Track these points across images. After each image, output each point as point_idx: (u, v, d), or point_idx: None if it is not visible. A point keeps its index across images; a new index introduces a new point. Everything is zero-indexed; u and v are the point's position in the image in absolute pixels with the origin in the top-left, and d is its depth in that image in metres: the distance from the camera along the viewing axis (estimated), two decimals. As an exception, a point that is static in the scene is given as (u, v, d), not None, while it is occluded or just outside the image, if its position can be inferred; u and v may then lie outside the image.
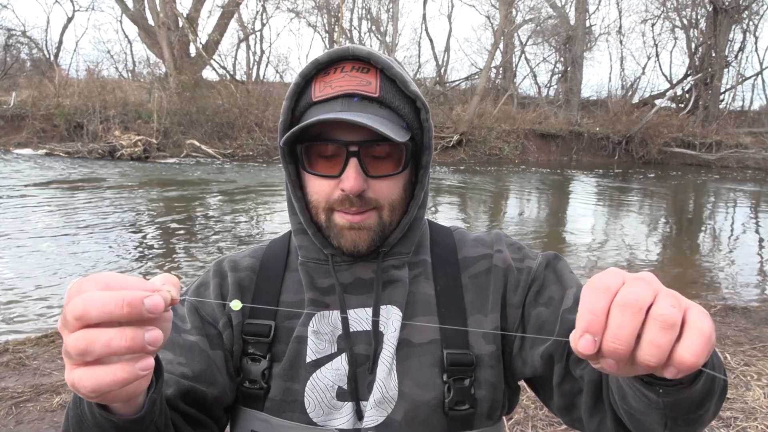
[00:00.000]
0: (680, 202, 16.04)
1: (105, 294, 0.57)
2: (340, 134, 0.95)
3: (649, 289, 0.57)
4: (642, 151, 27.00)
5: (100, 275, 0.61)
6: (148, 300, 0.57)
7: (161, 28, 24.85)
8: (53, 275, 6.44)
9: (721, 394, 0.75)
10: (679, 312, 0.56)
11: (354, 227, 0.98)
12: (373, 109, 0.95)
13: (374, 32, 33.47)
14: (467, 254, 1.10)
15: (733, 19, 30.08)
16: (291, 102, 1.00)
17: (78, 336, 0.57)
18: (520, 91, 34.08)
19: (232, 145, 22.31)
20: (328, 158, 0.97)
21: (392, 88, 0.98)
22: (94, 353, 0.57)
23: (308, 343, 1.01)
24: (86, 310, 0.56)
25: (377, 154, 0.97)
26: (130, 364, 0.58)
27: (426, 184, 1.06)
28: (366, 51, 0.96)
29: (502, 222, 11.66)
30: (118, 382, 0.58)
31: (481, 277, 1.07)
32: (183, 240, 8.56)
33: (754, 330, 5.02)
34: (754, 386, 3.77)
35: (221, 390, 0.98)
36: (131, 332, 0.57)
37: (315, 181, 1.00)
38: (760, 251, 9.84)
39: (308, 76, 0.99)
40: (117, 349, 0.57)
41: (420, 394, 0.97)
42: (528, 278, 1.05)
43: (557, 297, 1.00)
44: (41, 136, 20.55)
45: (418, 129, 1.02)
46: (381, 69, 0.97)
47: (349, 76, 0.96)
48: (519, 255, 1.09)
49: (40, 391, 3.62)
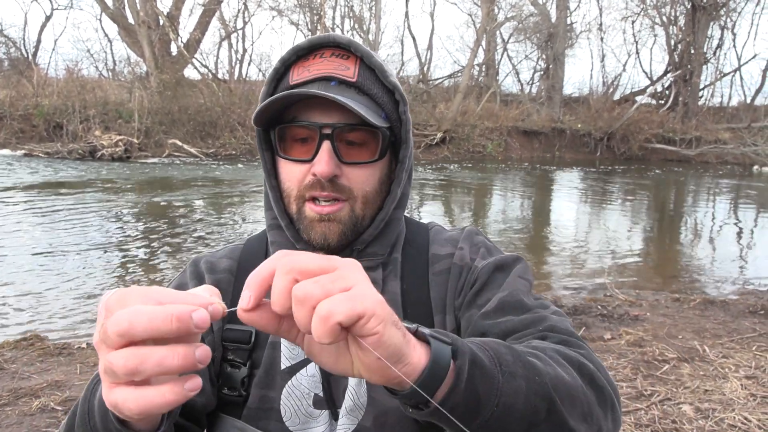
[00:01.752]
0: (661, 198, 16.23)
1: (151, 309, 0.53)
2: (314, 117, 0.93)
3: (315, 261, 0.57)
4: (623, 148, 27.30)
5: (143, 288, 0.56)
6: (195, 314, 0.53)
7: (142, 27, 24.61)
8: (31, 278, 6.35)
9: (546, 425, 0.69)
10: (319, 288, 0.55)
11: (324, 219, 0.95)
12: (351, 93, 0.93)
13: (357, 30, 33.38)
14: (436, 251, 1.08)
15: (712, 16, 30.48)
16: (269, 87, 0.99)
17: (126, 355, 0.52)
18: (502, 89, 34.23)
19: (214, 145, 22.15)
20: (302, 142, 0.96)
21: (371, 76, 0.97)
22: (145, 373, 0.52)
23: (282, 349, 0.99)
24: (132, 326, 0.52)
25: (352, 140, 0.95)
26: (179, 384, 0.54)
27: (403, 181, 1.03)
28: (347, 39, 0.96)
29: (485, 219, 11.71)
30: (168, 404, 0.54)
31: (443, 276, 1.04)
32: (165, 240, 8.48)
33: (732, 323, 5.09)
34: (731, 378, 3.83)
35: (208, 397, 0.96)
36: (183, 350, 0.53)
37: (288, 166, 0.98)
38: (738, 245, 9.99)
39: (288, 62, 0.98)
40: (170, 368, 0.53)
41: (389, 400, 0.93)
42: (471, 278, 1.02)
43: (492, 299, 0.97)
44: (20, 136, 20.23)
45: (396, 121, 1.00)
46: (361, 57, 0.96)
47: (328, 61, 0.95)
48: (476, 254, 1.05)
49: (19, 395, 3.57)
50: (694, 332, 4.81)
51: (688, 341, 4.58)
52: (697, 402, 3.51)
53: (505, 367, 0.67)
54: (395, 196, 1.02)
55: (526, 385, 0.67)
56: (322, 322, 0.53)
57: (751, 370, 3.98)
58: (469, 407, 0.63)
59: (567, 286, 6.69)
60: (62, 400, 3.49)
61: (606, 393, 0.78)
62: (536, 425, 0.68)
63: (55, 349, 4.34)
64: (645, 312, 5.36)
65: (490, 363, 0.66)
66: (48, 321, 5.11)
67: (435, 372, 0.62)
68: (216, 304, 0.56)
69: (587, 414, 0.73)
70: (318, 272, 0.56)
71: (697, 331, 4.84)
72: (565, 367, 0.75)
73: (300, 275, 0.56)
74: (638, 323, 5.04)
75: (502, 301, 0.94)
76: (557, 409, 0.69)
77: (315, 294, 0.54)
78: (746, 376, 3.89)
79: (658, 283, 7.07)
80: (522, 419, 0.66)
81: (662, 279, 7.31)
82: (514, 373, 0.67)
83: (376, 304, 0.56)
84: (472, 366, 0.64)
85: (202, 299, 0.56)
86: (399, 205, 1.05)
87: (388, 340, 0.57)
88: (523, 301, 0.94)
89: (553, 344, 0.82)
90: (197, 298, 0.57)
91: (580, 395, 0.73)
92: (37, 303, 5.56)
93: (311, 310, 0.54)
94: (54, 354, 4.25)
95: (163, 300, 0.55)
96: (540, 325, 0.88)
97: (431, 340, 0.64)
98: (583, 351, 0.82)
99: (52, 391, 3.62)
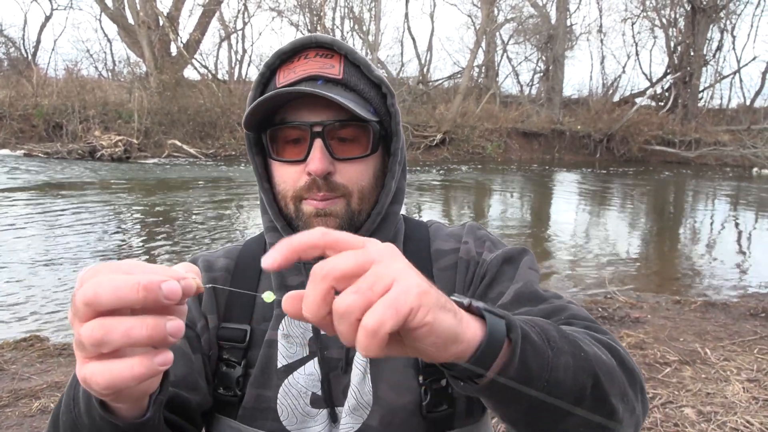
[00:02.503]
0: (661, 200, 16.23)
1: (118, 277, 0.52)
2: (303, 117, 0.94)
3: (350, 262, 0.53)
4: (623, 149, 27.31)
5: (118, 261, 0.56)
6: (165, 285, 0.52)
7: (141, 27, 24.60)
8: (31, 279, 6.33)
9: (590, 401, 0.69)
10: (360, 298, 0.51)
11: (320, 214, 0.95)
12: (338, 90, 0.93)
13: (357, 31, 33.38)
14: (439, 247, 1.08)
15: (711, 18, 30.51)
16: (256, 92, 0.99)
17: (93, 325, 0.52)
18: (502, 90, 34.25)
19: (214, 145, 22.15)
20: (294, 143, 0.96)
21: (356, 73, 0.98)
22: (112, 343, 0.52)
23: (278, 348, 0.98)
24: (97, 294, 0.51)
25: (344, 136, 0.95)
26: (148, 357, 0.53)
27: (397, 174, 1.03)
28: (329, 38, 0.96)
29: (485, 220, 11.70)
30: (136, 377, 0.53)
31: (449, 271, 1.04)
32: (164, 241, 8.47)
33: (733, 325, 5.09)
34: (733, 381, 3.82)
35: (203, 396, 0.95)
36: (152, 321, 0.52)
37: (281, 168, 0.98)
38: (738, 247, 9.99)
39: (273, 66, 0.98)
40: (137, 339, 0.51)
41: (395, 398, 0.94)
42: (480, 271, 1.02)
43: (506, 292, 0.96)
44: (19, 136, 20.22)
45: (385, 115, 1.01)
46: (345, 54, 0.97)
47: (313, 61, 0.96)
48: (482, 248, 1.06)
49: (19, 396, 3.55)
50: (695, 335, 4.81)
51: (689, 344, 4.57)
52: (699, 405, 3.50)
53: (552, 342, 0.67)
54: (389, 189, 1.02)
55: (573, 362, 0.67)
56: (371, 337, 0.50)
57: (752, 373, 3.97)
58: (522, 382, 0.63)
59: (567, 288, 6.68)
60: (62, 402, 3.47)
61: (636, 376, 0.78)
62: (581, 401, 0.68)
63: (55, 349, 4.32)
64: (646, 314, 5.35)
65: (539, 338, 0.66)
66: (48, 322, 5.10)
67: (491, 347, 0.61)
68: (189, 279, 0.55)
69: (623, 393, 0.73)
70: (355, 273, 0.53)
71: (699, 334, 4.83)
72: (600, 348, 0.75)
73: (336, 282, 0.53)
74: (639, 325, 5.03)
75: (518, 292, 0.94)
76: (601, 385, 0.69)
77: (357, 306, 0.51)
78: (748, 379, 3.89)
79: (659, 285, 7.06)
80: (569, 395, 0.66)
81: (662, 281, 7.30)
82: (562, 349, 0.67)
83: (421, 295, 0.53)
84: (525, 341, 0.63)
85: (175, 273, 0.55)
86: (395, 200, 1.05)
87: (439, 326, 0.55)
88: (538, 291, 0.94)
89: (581, 329, 0.82)
90: (171, 272, 0.55)
91: (617, 375, 0.73)
92: (37, 303, 5.54)
93: (355, 322, 0.51)
94: (54, 355, 4.24)
95: (134, 272, 0.54)
96: (562, 314, 0.88)
97: (486, 314, 0.63)
98: (609, 336, 0.83)
99: (52, 393, 3.60)
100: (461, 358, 0.59)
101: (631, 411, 0.74)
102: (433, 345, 0.55)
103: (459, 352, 0.58)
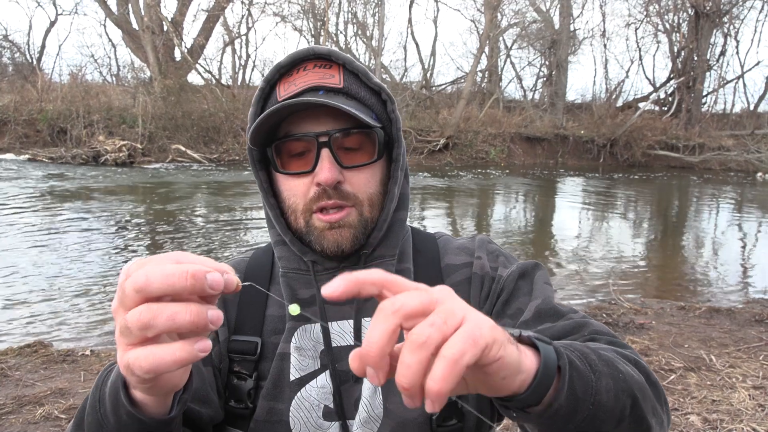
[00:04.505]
0: (665, 205, 16.19)
1: (168, 266, 0.56)
2: (308, 128, 0.94)
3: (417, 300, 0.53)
4: (626, 154, 27.26)
5: (164, 254, 0.59)
6: (210, 275, 0.55)
7: (146, 32, 24.69)
8: (35, 285, 6.34)
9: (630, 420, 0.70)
10: (437, 332, 0.51)
11: (334, 226, 0.95)
12: (340, 99, 0.94)
13: (360, 36, 33.46)
14: (450, 261, 1.08)
15: (715, 23, 30.48)
16: (257, 107, 1.00)
17: (141, 309, 0.55)
18: (505, 95, 34.25)
19: (218, 150, 22.16)
20: (300, 155, 0.96)
21: (356, 81, 0.98)
22: (158, 327, 0.55)
23: (291, 360, 0.98)
24: (148, 281, 0.55)
25: (349, 145, 0.96)
26: (189, 343, 0.56)
27: (400, 180, 1.03)
28: (327, 49, 0.97)
29: (489, 226, 11.69)
30: (177, 361, 0.56)
31: (462, 286, 1.04)
32: (169, 247, 8.47)
33: (738, 332, 5.06)
34: (739, 388, 3.80)
35: (215, 409, 0.95)
36: (195, 308, 0.55)
37: (289, 182, 0.98)
38: (743, 253, 9.95)
39: (272, 81, 0.99)
40: (181, 323, 0.55)
41: (406, 411, 0.94)
42: (497, 287, 1.02)
43: (524, 308, 0.97)
44: (24, 141, 20.27)
45: (386, 121, 1.01)
46: (343, 64, 0.98)
47: (312, 73, 0.96)
48: (496, 263, 1.06)
49: (23, 403, 3.55)
50: (700, 341, 4.78)
51: (694, 350, 4.55)
52: (704, 412, 3.48)
53: (594, 366, 0.68)
54: (393, 195, 1.02)
55: (614, 384, 0.68)
56: (452, 366, 0.49)
57: (758, 380, 3.95)
58: (570, 407, 0.64)
59: (571, 294, 6.66)
60: (66, 408, 3.48)
61: (660, 389, 0.80)
62: (622, 421, 0.69)
63: (59, 356, 4.32)
64: (650, 320, 5.33)
65: (581, 363, 0.67)
66: (52, 328, 5.10)
67: (546, 374, 0.62)
68: (231, 275, 0.58)
69: (654, 408, 0.75)
70: (423, 311, 0.53)
71: (703, 340, 4.81)
72: (630, 366, 0.77)
73: (405, 319, 0.52)
74: (644, 332, 5.01)
75: (539, 308, 0.95)
76: (638, 404, 0.71)
77: (434, 338, 0.51)
78: (754, 386, 3.86)
79: (663, 291, 7.03)
80: (612, 416, 0.68)
81: (667, 287, 7.27)
82: (602, 372, 0.68)
83: (493, 330, 0.54)
84: (571, 367, 0.65)
85: (219, 266, 0.58)
86: (400, 207, 1.05)
87: (508, 360, 0.56)
88: (557, 307, 0.95)
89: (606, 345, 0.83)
90: (215, 264, 0.59)
91: (648, 391, 0.75)
92: (41, 310, 5.55)
93: (430, 356, 0.51)
94: (58, 361, 4.24)
95: (181, 260, 0.57)
96: (585, 330, 0.89)
97: (538, 343, 0.64)
98: (631, 350, 0.84)
99: (56, 399, 3.60)
100: (521, 388, 0.61)
101: (660, 425, 0.76)
102: (503, 379, 0.57)
103: (520, 383, 0.60)
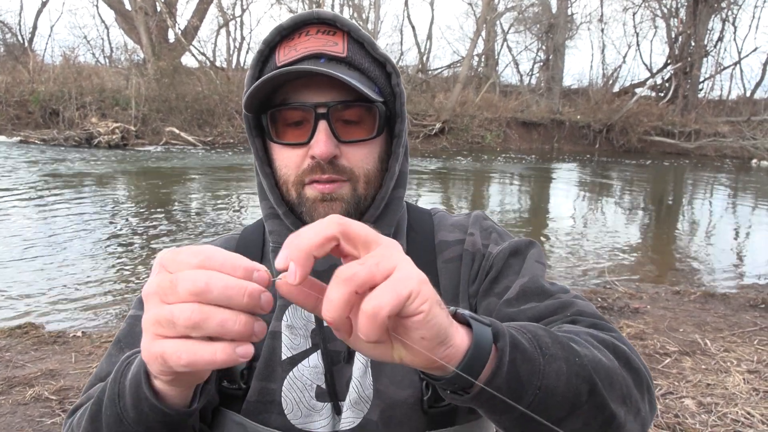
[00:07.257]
0: (659, 190, 16.21)
1: (230, 279, 0.55)
2: (306, 98, 0.89)
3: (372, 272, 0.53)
4: (622, 140, 27.28)
5: (194, 247, 0.57)
6: (263, 296, 0.55)
7: (138, 13, 24.41)
8: (26, 266, 6.29)
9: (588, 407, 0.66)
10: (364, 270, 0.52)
11: (326, 198, 0.91)
12: (342, 69, 0.88)
13: (356, 19, 33.18)
14: (444, 238, 1.04)
15: (713, 8, 30.37)
16: (255, 71, 0.95)
17: (194, 308, 0.54)
18: (502, 80, 34.13)
19: (212, 133, 22.04)
20: (296, 125, 0.91)
21: (360, 50, 0.93)
22: (206, 330, 0.54)
23: (282, 339, 0.95)
24: (209, 289, 0.54)
25: (348, 118, 0.91)
26: (231, 347, 0.55)
27: (400, 157, 0.98)
28: (332, 14, 0.91)
29: (483, 209, 11.66)
30: (216, 362, 0.55)
31: (453, 263, 1.01)
32: (161, 229, 8.43)
33: (733, 316, 5.07)
34: (734, 372, 3.80)
35: (213, 393, 0.92)
36: (245, 319, 0.55)
37: (283, 152, 0.94)
38: (737, 238, 9.98)
39: (272, 43, 0.93)
40: (228, 331, 0.54)
41: (396, 392, 0.91)
42: (486, 264, 0.98)
43: (511, 286, 0.93)
44: (15, 123, 20.08)
45: (390, 95, 0.96)
46: (348, 31, 0.92)
47: (315, 38, 0.91)
48: (488, 240, 1.02)
49: (13, 384, 3.52)
50: (695, 325, 4.78)
51: (689, 334, 4.55)
52: (699, 396, 3.48)
53: (545, 349, 0.65)
54: (393, 172, 0.98)
55: (567, 368, 0.65)
56: (371, 320, 0.51)
57: (753, 365, 3.95)
58: (512, 391, 0.62)
59: (566, 278, 6.66)
60: (56, 390, 3.44)
61: (642, 375, 0.76)
62: (578, 408, 0.66)
63: (50, 337, 4.29)
64: (645, 305, 5.33)
65: (530, 345, 0.64)
66: (43, 309, 5.06)
67: (478, 354, 0.60)
68: (263, 272, 0.57)
69: (626, 396, 0.71)
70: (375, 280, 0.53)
71: (698, 325, 4.81)
72: (601, 350, 0.73)
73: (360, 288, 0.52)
74: (639, 316, 5.00)
75: (524, 287, 0.92)
76: (598, 391, 0.67)
77: (360, 276, 0.52)
78: (748, 370, 3.87)
79: (658, 275, 7.04)
80: (564, 402, 0.65)
81: (662, 271, 7.28)
82: (555, 356, 0.65)
83: (421, 283, 0.54)
84: (513, 348, 0.62)
85: (251, 264, 0.57)
86: (399, 184, 1.01)
87: (433, 319, 0.54)
88: (545, 286, 0.92)
89: (584, 328, 0.80)
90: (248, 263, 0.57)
91: (619, 377, 0.71)
92: (33, 291, 5.50)
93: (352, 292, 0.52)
94: (49, 342, 4.20)
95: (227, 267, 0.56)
96: (568, 311, 0.86)
97: (472, 321, 0.62)
98: (614, 334, 0.81)
99: (47, 380, 3.57)
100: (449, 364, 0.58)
101: (635, 413, 0.73)
102: (422, 339, 0.55)
103: (446, 356, 0.57)
